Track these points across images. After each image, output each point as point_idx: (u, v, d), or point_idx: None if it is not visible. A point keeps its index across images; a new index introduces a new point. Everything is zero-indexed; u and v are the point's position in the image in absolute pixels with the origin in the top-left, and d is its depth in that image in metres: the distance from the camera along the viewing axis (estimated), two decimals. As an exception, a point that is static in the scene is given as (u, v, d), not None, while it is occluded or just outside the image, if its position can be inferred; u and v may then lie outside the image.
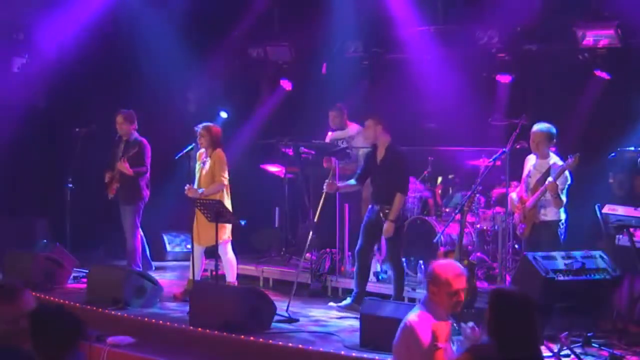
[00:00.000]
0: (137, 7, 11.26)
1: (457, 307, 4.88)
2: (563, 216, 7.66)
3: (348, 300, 8.40)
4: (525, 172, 7.88)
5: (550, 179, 7.44)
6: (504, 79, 9.77)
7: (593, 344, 6.89)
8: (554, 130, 7.67)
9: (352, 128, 9.85)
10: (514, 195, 8.01)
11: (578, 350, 6.71)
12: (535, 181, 7.69)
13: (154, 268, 10.14)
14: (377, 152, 8.45)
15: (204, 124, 8.96)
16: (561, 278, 6.59)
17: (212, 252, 8.80)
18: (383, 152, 8.40)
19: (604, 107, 9.11)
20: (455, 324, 5.08)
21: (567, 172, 7.46)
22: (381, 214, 8.25)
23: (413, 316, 4.85)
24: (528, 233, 7.77)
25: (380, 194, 8.36)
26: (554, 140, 7.70)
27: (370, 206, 8.51)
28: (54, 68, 11.15)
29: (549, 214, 7.64)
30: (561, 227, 7.64)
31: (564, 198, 7.52)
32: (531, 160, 7.86)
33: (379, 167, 8.40)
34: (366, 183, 8.70)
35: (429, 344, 4.70)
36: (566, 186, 7.55)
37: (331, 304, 8.52)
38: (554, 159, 7.68)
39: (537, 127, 7.70)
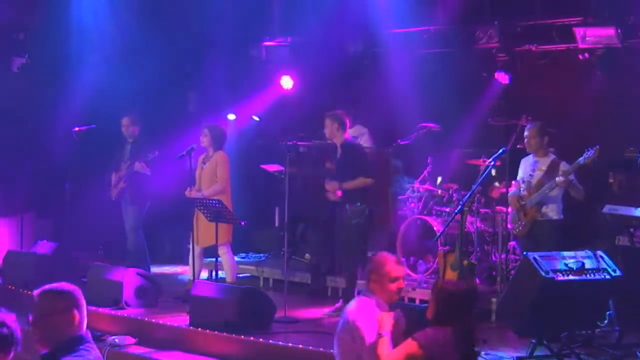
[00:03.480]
0: (136, 5, 11.27)
1: (398, 295, 5.23)
2: (561, 216, 7.70)
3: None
4: (522, 173, 7.93)
5: (558, 178, 7.51)
6: (504, 78, 9.77)
7: (593, 344, 6.90)
8: (544, 126, 7.85)
9: (356, 129, 9.87)
10: (510, 193, 8.03)
11: (578, 350, 6.72)
12: (539, 179, 7.72)
13: (150, 270, 10.12)
14: (336, 151, 8.35)
15: (209, 124, 8.97)
16: (561, 278, 6.58)
17: (212, 252, 8.80)
18: (339, 150, 8.30)
19: (603, 107, 9.11)
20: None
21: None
22: (347, 206, 8.16)
23: (356, 308, 5.13)
24: (527, 230, 7.79)
25: (344, 193, 8.24)
26: (546, 137, 7.75)
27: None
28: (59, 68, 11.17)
29: (550, 212, 7.70)
30: (559, 226, 7.66)
31: (579, 185, 7.65)
32: (528, 160, 7.93)
33: (338, 166, 8.28)
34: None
35: (374, 334, 4.96)
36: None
37: (325, 313, 8.31)
38: (553, 157, 7.75)
39: (528, 126, 7.95)
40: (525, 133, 7.91)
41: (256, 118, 11.53)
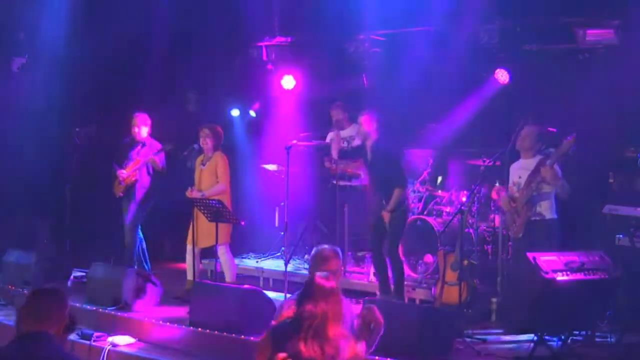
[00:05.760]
0: (137, 6, 11.26)
1: None
2: (555, 216, 7.65)
3: None
4: (512, 176, 7.85)
5: (543, 168, 7.44)
6: (504, 78, 9.77)
7: (593, 344, 6.90)
8: (544, 130, 7.78)
9: (353, 127, 9.84)
10: (502, 196, 7.99)
11: (578, 350, 6.72)
12: (527, 178, 7.64)
13: (150, 268, 10.13)
14: (367, 149, 8.34)
15: (207, 124, 8.98)
16: (561, 278, 6.59)
17: (211, 253, 8.80)
18: (369, 152, 8.28)
19: (603, 107, 9.10)
20: None
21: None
22: (383, 202, 8.16)
23: (291, 296, 5.05)
24: (523, 231, 7.66)
25: (377, 187, 8.26)
26: (540, 143, 7.67)
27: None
28: (54, 67, 11.17)
29: (544, 211, 7.61)
30: (555, 226, 7.62)
31: (566, 183, 7.54)
32: (516, 164, 7.88)
33: (370, 166, 8.31)
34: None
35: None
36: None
37: None
38: (540, 157, 7.69)
39: (528, 126, 7.85)
40: (523, 131, 7.83)
41: (253, 113, 11.52)
